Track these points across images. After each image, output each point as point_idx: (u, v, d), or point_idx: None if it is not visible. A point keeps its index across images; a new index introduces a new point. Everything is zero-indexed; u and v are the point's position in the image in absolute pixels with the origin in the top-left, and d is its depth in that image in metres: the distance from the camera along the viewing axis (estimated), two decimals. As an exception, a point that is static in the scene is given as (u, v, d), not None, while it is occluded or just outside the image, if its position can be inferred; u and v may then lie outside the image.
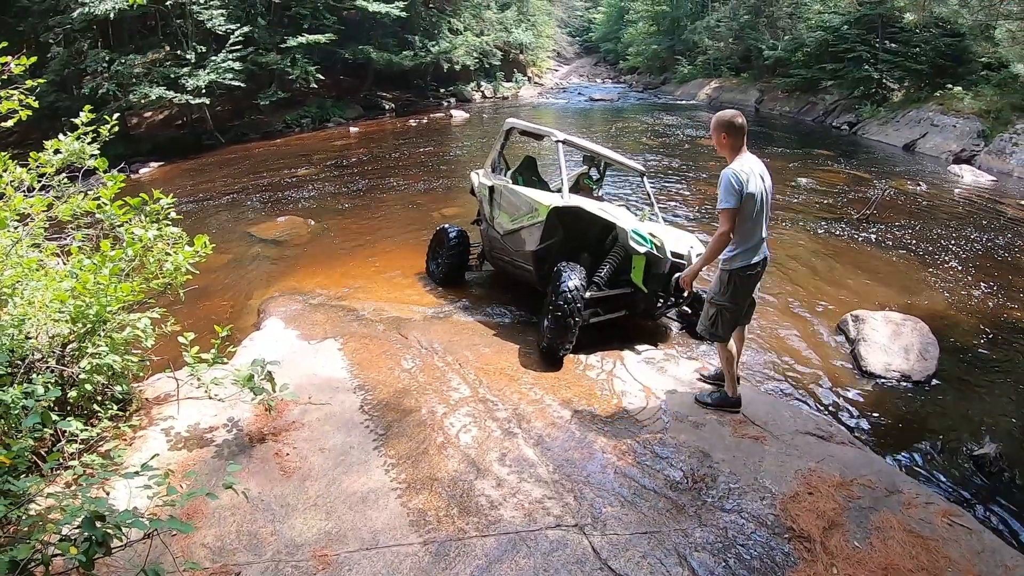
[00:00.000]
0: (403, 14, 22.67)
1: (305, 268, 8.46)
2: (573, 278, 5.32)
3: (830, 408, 5.64)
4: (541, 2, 37.80)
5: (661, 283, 5.90)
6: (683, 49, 38.42)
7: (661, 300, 6.04)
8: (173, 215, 4.63)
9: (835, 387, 5.98)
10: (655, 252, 5.75)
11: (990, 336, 7.28)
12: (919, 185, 14.92)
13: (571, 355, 5.60)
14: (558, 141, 6.56)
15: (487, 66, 30.09)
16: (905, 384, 6.04)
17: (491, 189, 6.97)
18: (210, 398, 4.35)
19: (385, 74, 24.79)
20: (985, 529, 3.75)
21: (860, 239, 10.54)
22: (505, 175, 7.24)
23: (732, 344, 4.57)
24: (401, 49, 24.29)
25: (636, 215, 6.69)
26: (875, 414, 5.60)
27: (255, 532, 3.33)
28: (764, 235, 4.31)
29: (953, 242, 10.62)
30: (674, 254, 5.88)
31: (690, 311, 6.77)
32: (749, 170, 4.13)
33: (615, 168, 7.73)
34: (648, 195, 7.47)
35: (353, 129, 20.70)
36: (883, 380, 6.09)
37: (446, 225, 7.75)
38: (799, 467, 4.07)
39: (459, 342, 5.79)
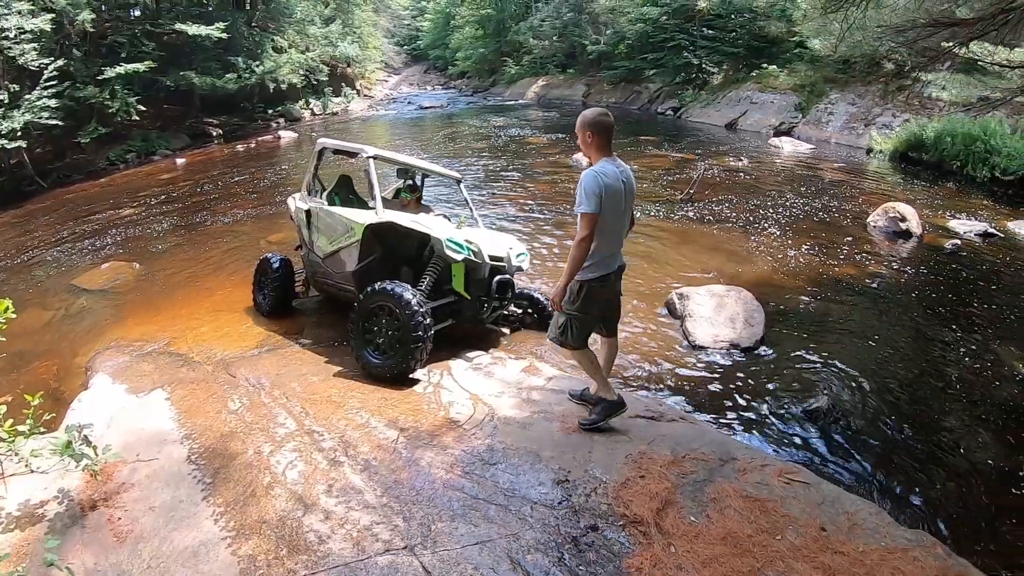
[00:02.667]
0: (224, 35, 21.78)
1: (133, 316, 8.01)
2: (408, 292, 5.32)
3: (663, 387, 5.79)
4: (366, 13, 37.31)
5: (483, 288, 6.01)
6: (509, 50, 39.23)
7: (486, 305, 6.12)
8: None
9: (665, 365, 6.15)
10: (473, 258, 5.84)
11: (812, 294, 7.76)
12: (741, 160, 15.89)
13: None
14: (369, 157, 6.50)
15: (314, 83, 29.36)
16: (734, 353, 6.32)
17: (308, 213, 6.86)
18: (31, 471, 4.07)
19: (211, 99, 23.72)
20: (823, 480, 3.91)
21: (685, 218, 11.09)
22: (321, 196, 7.16)
23: (593, 350, 4.45)
24: (225, 72, 23.28)
25: (453, 222, 6.78)
26: (707, 386, 5.78)
27: (94, 608, 3.15)
28: (619, 247, 4.17)
29: (774, 210, 11.35)
30: (492, 257, 5.98)
31: (520, 311, 6.98)
32: (612, 172, 3.88)
33: (434, 177, 7.80)
34: (466, 201, 7.53)
35: (180, 160, 19.70)
36: (712, 351, 6.34)
37: (268, 254, 7.63)
38: (629, 452, 4.15)
39: (287, 374, 5.68)
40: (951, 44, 8.40)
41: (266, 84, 24.65)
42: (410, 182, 7.58)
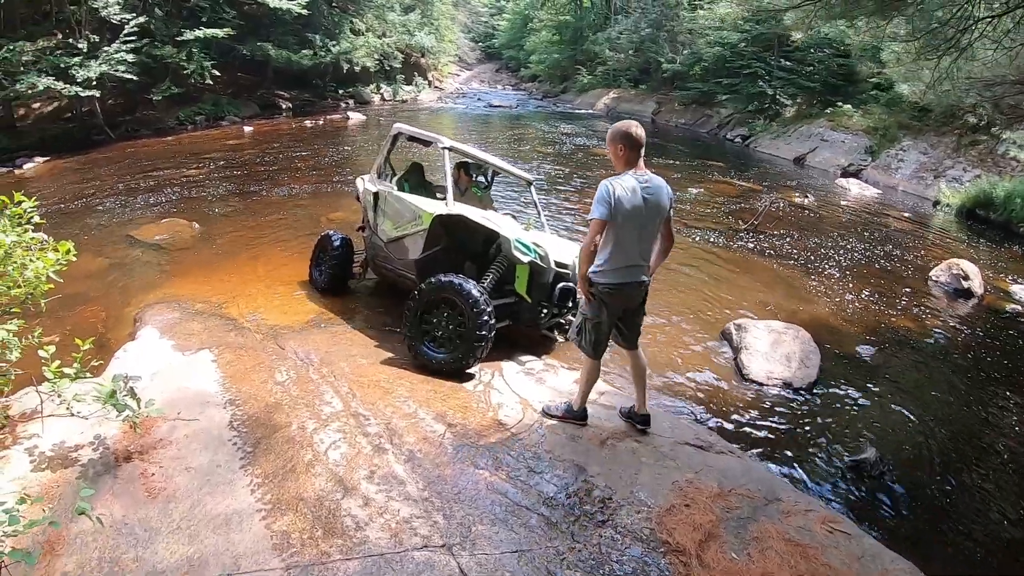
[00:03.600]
0: (305, 11, 22.10)
1: (186, 274, 8.07)
2: (475, 287, 5.25)
3: (711, 417, 5.64)
4: (445, 6, 37.57)
5: (545, 293, 5.89)
6: (584, 59, 38.95)
7: (545, 310, 6.01)
8: (36, 219, 4.28)
9: (717, 396, 5.99)
10: (539, 262, 5.74)
11: (869, 343, 7.46)
12: (806, 197, 15.44)
13: None
14: (444, 148, 6.40)
15: (387, 68, 29.60)
16: (787, 392, 6.14)
17: (376, 195, 6.81)
18: (72, 415, 4.04)
19: (283, 73, 24.03)
20: (865, 534, 3.79)
21: (745, 248, 10.79)
22: (391, 181, 7.12)
23: (598, 365, 4.46)
24: (301, 47, 23.58)
25: (521, 224, 6.71)
26: (756, 422, 5.64)
27: (117, 559, 3.10)
28: (639, 260, 4.08)
29: (836, 252, 10.99)
30: (558, 264, 5.89)
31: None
32: (631, 185, 3.86)
33: (503, 176, 7.71)
34: (535, 204, 7.44)
35: (247, 128, 20.01)
36: (765, 388, 6.17)
37: (330, 231, 7.57)
38: (676, 479, 4.03)
39: (337, 352, 5.61)
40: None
41: (340, 64, 24.86)
42: (481, 178, 7.49)
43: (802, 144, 22.17)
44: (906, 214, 14.99)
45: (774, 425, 5.63)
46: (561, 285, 5.89)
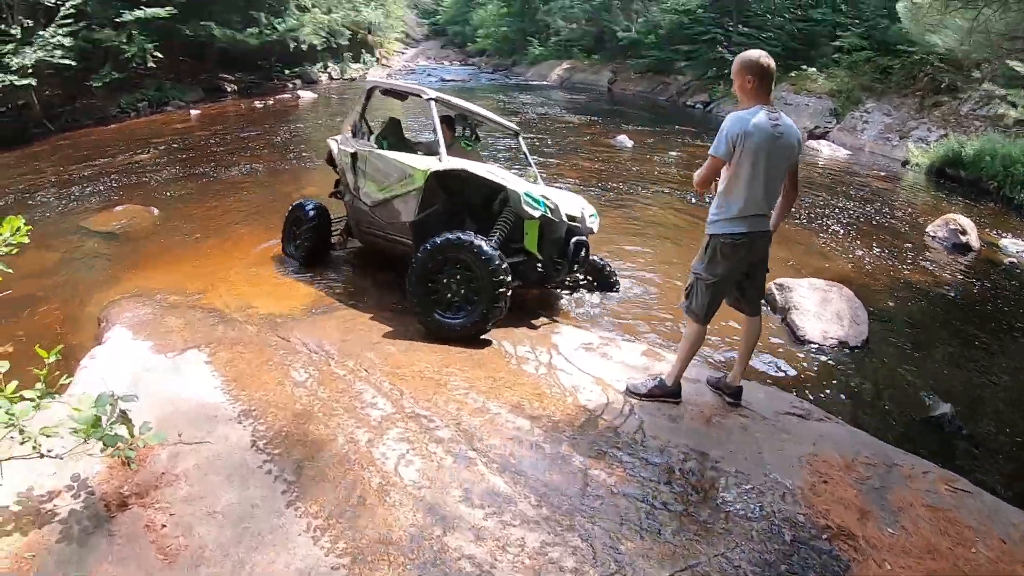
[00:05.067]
0: (249, -12, 20.69)
1: (151, 264, 6.96)
2: (485, 241, 4.87)
3: (783, 382, 5.24)
4: (392, -19, 36.15)
5: (557, 248, 5.52)
6: (534, 31, 37.98)
7: (559, 267, 5.59)
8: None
9: (773, 358, 5.61)
10: (550, 216, 5.30)
11: (896, 298, 7.33)
12: None
13: (495, 347, 4.81)
14: (429, 99, 5.91)
15: (334, 46, 28.08)
16: (844, 351, 5.82)
17: (354, 155, 6.20)
18: (40, 456, 2.83)
19: (228, 54, 22.49)
20: (982, 491, 3.53)
21: None
22: (368, 139, 6.55)
23: (702, 329, 3.92)
24: (246, 26, 22.13)
25: (521, 177, 6.22)
26: (823, 383, 5.31)
27: None
28: (765, 208, 3.62)
29: (831, 210, 10.87)
30: (569, 216, 5.49)
31: (583, 279, 6.56)
32: (763, 121, 3.41)
33: (485, 129, 7.37)
34: (525, 155, 7.00)
35: (194, 112, 18.58)
36: (821, 347, 5.84)
37: (302, 200, 6.94)
38: (799, 453, 3.61)
39: (354, 340, 4.71)
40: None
41: (287, 42, 23.42)
42: (468, 130, 7.04)
43: None
44: (882, 174, 15.09)
45: (842, 386, 5.30)
46: (575, 239, 5.57)
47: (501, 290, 4.76)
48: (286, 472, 3.04)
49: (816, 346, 5.83)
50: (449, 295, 4.95)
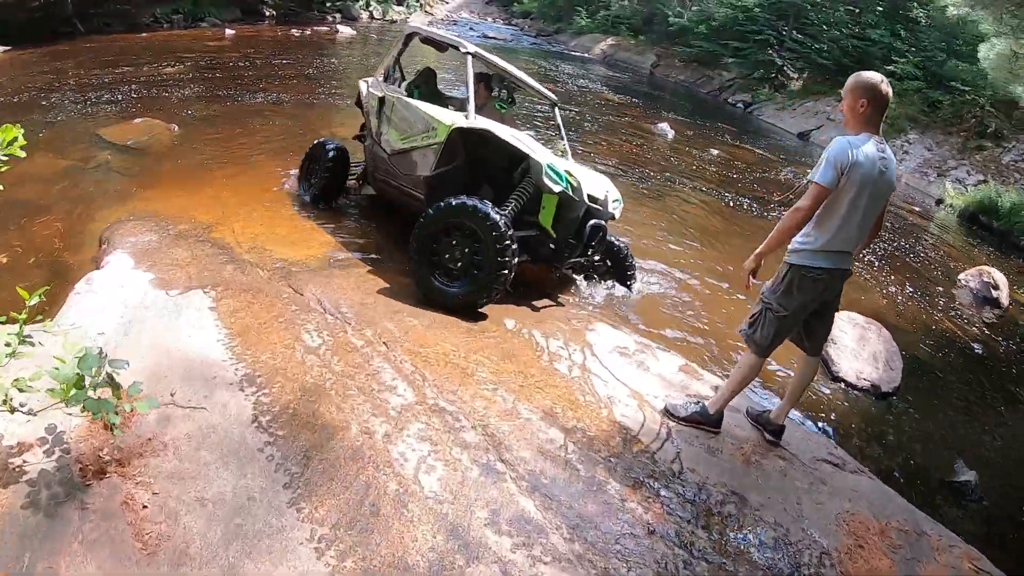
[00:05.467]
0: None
1: (164, 185, 6.52)
2: (496, 212, 4.52)
3: (817, 421, 5.00)
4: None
5: (571, 229, 5.19)
6: (583, 1, 36.96)
7: (572, 248, 5.28)
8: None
9: (810, 394, 5.22)
10: (570, 193, 4.97)
11: (929, 345, 7.02)
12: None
13: (526, 336, 4.46)
14: (467, 53, 5.66)
15: (381, -16, 27.51)
16: (876, 395, 5.53)
17: (381, 100, 5.91)
18: (11, 411, 2.44)
19: (271, -24, 21.85)
20: (1003, 573, 3.38)
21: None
22: (400, 86, 6.26)
23: (761, 363, 3.64)
24: (292, -51, 21.50)
25: (550, 149, 5.80)
26: (852, 427, 5.08)
27: None
28: (854, 245, 3.38)
29: (874, 244, 10.14)
30: (590, 198, 5.19)
31: (599, 262, 6.04)
32: (871, 153, 3.15)
33: (522, 93, 7.14)
34: (559, 127, 6.63)
35: (229, 31, 17.89)
36: (855, 389, 5.53)
37: (324, 138, 6.70)
38: (836, 510, 3.40)
39: (374, 306, 4.33)
40: None
41: (332, -28, 22.73)
42: (505, 92, 6.63)
43: (807, 120, 21.55)
44: (916, 208, 14.84)
45: (872, 433, 5.09)
46: (592, 222, 5.24)
47: (505, 269, 4.47)
48: (290, 461, 2.65)
49: (849, 385, 5.53)
50: (450, 261, 4.67)
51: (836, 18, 23.53)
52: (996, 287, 9.05)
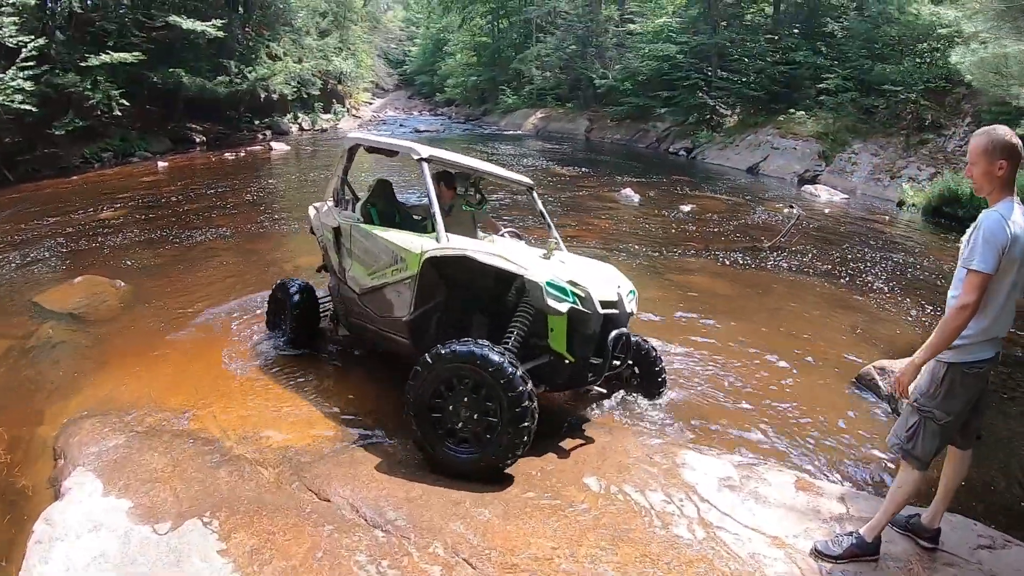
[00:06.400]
0: (220, 33, 19.79)
1: (119, 360, 5.58)
2: (503, 357, 3.74)
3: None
4: (362, 30, 35.33)
5: (592, 346, 4.30)
6: (505, 79, 37.72)
7: (595, 368, 4.38)
8: None
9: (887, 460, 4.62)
10: (581, 307, 4.16)
11: None
12: (792, 207, 14.76)
13: (623, 500, 3.62)
14: (420, 160, 4.84)
15: (305, 96, 27.18)
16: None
17: (336, 231, 5.31)
18: None
19: (196, 104, 21.33)
20: None
21: (787, 270, 9.75)
22: (354, 209, 5.47)
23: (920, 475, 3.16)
24: (216, 75, 21.05)
25: (536, 249, 5.07)
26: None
27: None
28: (1007, 326, 3.04)
29: (862, 264, 10.28)
30: (604, 303, 4.34)
31: (627, 370, 5.09)
32: (1021, 223, 2.83)
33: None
34: (543, 214, 5.82)
35: (162, 164, 17.29)
36: None
37: (284, 280, 6.06)
38: None
39: (424, 500, 3.42)
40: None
41: (257, 92, 22.47)
42: (472, 189, 6.09)
43: (752, 153, 21.82)
44: (886, 217, 14.93)
45: (975, 481, 4.40)
46: (614, 334, 4.36)
47: (526, 422, 3.67)
48: None
49: None
50: (457, 421, 3.87)
51: (758, 49, 24.06)
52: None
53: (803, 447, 4.67)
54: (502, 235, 5.70)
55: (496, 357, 3.70)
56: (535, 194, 5.94)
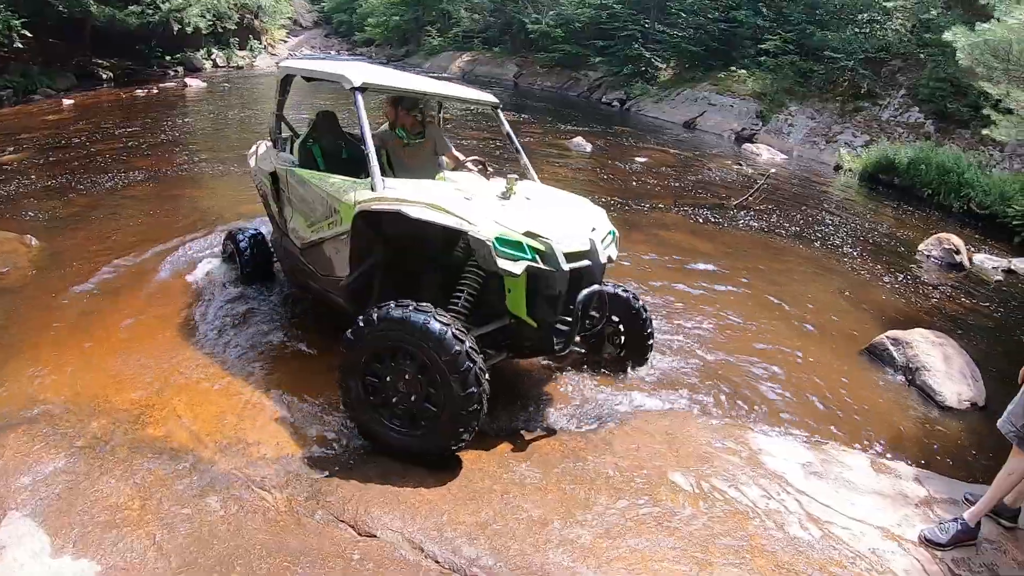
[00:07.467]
0: (131, -40, 17.53)
1: (44, 342, 4.43)
2: (446, 325, 3.18)
3: (947, 464, 4.29)
4: (280, -41, 32.89)
5: (559, 307, 3.66)
6: (430, 20, 36.28)
7: (564, 333, 3.77)
8: None
9: (928, 434, 4.60)
10: (540, 264, 3.50)
11: (960, 336, 6.33)
12: (740, 164, 14.92)
13: (723, 498, 3.22)
14: (355, 89, 4.11)
15: (220, 30, 24.96)
16: (976, 413, 5.05)
17: (273, 177, 4.71)
18: None
19: (103, 36, 19.12)
20: None
21: (760, 230, 9.66)
22: (292, 149, 4.92)
23: None
24: (126, 4, 18.91)
25: (495, 183, 4.31)
26: (983, 462, 4.31)
27: None
28: None
29: (823, 226, 10.40)
30: (571, 256, 3.65)
31: (611, 327, 4.64)
32: None
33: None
34: (509, 135, 5.12)
35: (67, 101, 15.39)
36: (961, 412, 5.01)
37: (233, 229, 5.62)
38: None
39: (501, 524, 2.78)
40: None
41: (170, 24, 20.30)
42: (419, 114, 5.14)
43: (689, 108, 21.83)
44: (820, 178, 15.23)
45: (996, 458, 4.16)
46: (585, 293, 3.69)
47: (474, 403, 3.15)
48: None
49: (957, 413, 4.96)
50: (396, 397, 3.34)
51: (698, 5, 23.77)
52: (957, 252, 9.14)
53: (845, 424, 4.46)
54: (467, 167, 4.87)
55: (437, 328, 3.14)
56: (500, 113, 5.19)
